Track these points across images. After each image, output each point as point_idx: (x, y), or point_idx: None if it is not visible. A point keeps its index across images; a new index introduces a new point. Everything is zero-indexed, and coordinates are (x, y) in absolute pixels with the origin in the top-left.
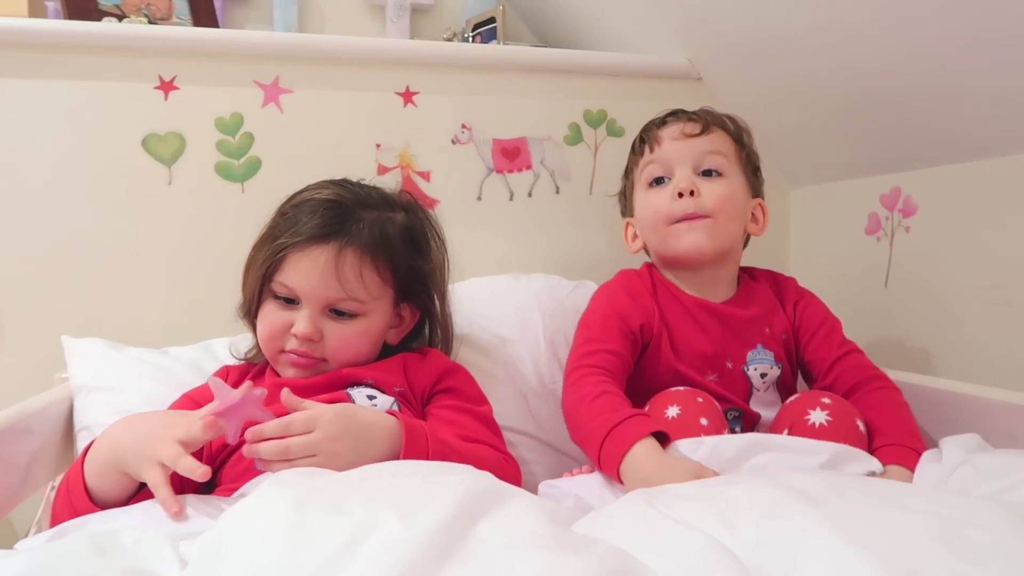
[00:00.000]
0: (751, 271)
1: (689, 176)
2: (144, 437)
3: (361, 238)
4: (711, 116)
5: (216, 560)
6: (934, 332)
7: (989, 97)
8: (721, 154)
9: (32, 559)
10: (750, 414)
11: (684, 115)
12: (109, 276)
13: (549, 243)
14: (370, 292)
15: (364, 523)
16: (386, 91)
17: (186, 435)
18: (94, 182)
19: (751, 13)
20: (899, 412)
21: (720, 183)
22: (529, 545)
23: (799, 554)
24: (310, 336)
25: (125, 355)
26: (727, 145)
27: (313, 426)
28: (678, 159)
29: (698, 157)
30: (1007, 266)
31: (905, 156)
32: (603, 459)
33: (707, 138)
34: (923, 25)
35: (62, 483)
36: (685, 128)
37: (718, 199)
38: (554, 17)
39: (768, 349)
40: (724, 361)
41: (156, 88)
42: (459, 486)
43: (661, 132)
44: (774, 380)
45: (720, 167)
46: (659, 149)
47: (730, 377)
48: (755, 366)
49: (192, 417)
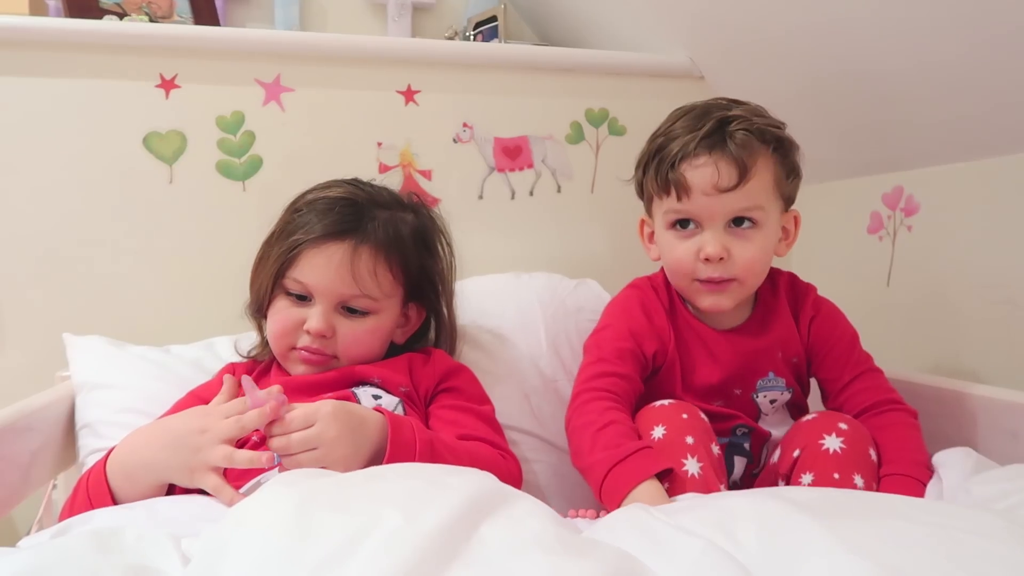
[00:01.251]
0: (772, 278)
1: (719, 239)
2: (183, 448)
3: (376, 236)
4: (749, 150)
5: (218, 558)
6: (936, 331)
7: (992, 96)
8: (759, 207)
9: (34, 556)
10: (759, 432)
11: (720, 146)
12: (110, 274)
13: (550, 242)
14: (383, 290)
15: (366, 522)
16: (387, 90)
17: (228, 433)
18: (95, 180)
19: (753, 12)
20: (910, 440)
21: (753, 241)
22: (533, 547)
23: (802, 564)
24: (323, 332)
25: (127, 353)
26: (767, 184)
27: (312, 420)
28: (708, 217)
29: (732, 212)
30: (1009, 265)
31: (907, 155)
32: (605, 494)
33: (744, 190)
34: (925, 23)
35: (73, 504)
36: (720, 181)
37: (748, 262)
38: (556, 16)
39: (779, 376)
40: (733, 389)
41: (157, 86)
42: (464, 488)
43: (690, 177)
44: (783, 403)
45: (756, 219)
46: (687, 201)
47: (738, 403)
48: (764, 393)
49: (215, 415)
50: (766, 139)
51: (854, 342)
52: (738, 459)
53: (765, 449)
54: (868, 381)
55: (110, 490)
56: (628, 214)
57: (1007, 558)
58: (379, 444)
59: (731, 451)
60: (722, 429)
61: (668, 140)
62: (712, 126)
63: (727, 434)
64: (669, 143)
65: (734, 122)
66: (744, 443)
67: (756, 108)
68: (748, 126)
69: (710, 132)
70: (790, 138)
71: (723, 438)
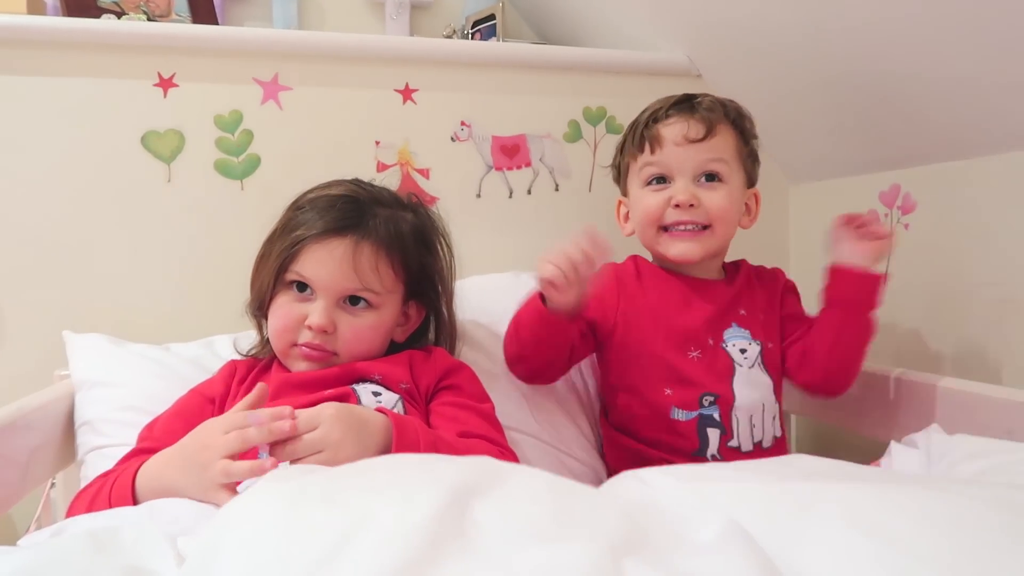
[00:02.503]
0: (735, 261)
1: (688, 187)
2: (194, 467)
3: (378, 233)
4: (715, 113)
5: (212, 557)
6: (933, 329)
7: (989, 94)
8: (723, 161)
9: (30, 556)
10: (725, 398)
11: (688, 109)
12: (109, 273)
13: (549, 240)
14: (384, 285)
15: (359, 516)
16: (386, 88)
17: (229, 449)
18: (93, 179)
19: (751, 10)
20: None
21: (720, 191)
22: (528, 533)
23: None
24: (324, 328)
25: (127, 351)
26: (731, 147)
27: (316, 423)
28: (678, 166)
29: (700, 164)
30: (1006, 263)
31: (904, 153)
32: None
33: (711, 143)
34: (923, 21)
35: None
36: (689, 132)
37: (717, 210)
38: (554, 14)
39: (743, 327)
40: (706, 337)
41: (155, 85)
42: (454, 472)
43: (663, 131)
44: (757, 357)
45: (722, 173)
46: (660, 152)
47: (712, 354)
48: (733, 342)
49: (216, 430)
50: (728, 112)
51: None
52: (711, 431)
53: (735, 416)
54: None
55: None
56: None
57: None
58: (383, 445)
59: (703, 424)
60: (690, 400)
61: (643, 113)
62: (682, 96)
63: (695, 406)
64: (644, 114)
65: (701, 96)
66: (714, 413)
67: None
68: (713, 99)
69: (680, 100)
70: (752, 122)
71: (691, 412)
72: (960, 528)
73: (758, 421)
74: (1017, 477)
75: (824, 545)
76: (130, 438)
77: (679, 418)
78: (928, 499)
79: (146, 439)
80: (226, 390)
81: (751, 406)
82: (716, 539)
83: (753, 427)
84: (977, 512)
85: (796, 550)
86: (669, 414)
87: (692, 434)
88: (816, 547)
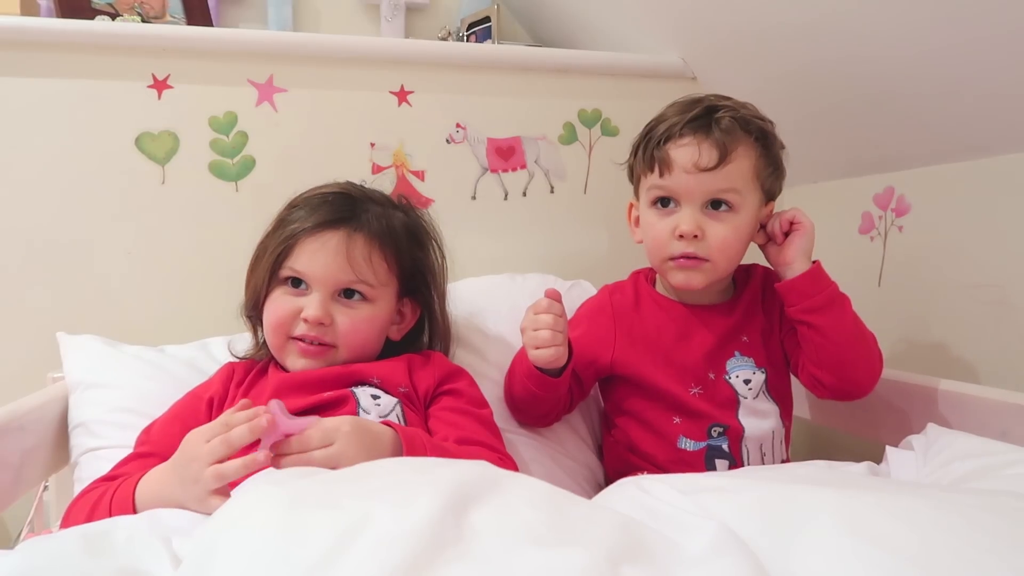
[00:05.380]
0: (748, 269)
1: (695, 216)
2: (186, 481)
3: (370, 226)
4: (732, 135)
5: (208, 559)
6: (927, 331)
7: (982, 97)
8: (735, 190)
9: (23, 559)
10: (735, 428)
11: (704, 129)
12: (102, 275)
13: (544, 243)
14: (378, 277)
15: (357, 519)
16: (381, 90)
17: (215, 455)
18: (88, 181)
19: (745, 12)
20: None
21: (726, 224)
22: (524, 539)
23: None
24: (320, 319)
25: (121, 352)
26: (747, 171)
27: (332, 439)
28: (686, 193)
29: (709, 192)
30: (999, 265)
31: (898, 156)
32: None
33: (724, 172)
34: (917, 24)
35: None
36: (700, 160)
37: (721, 243)
38: (549, 16)
39: (746, 355)
40: (707, 372)
41: (149, 87)
42: (451, 477)
43: (674, 155)
44: (762, 386)
45: (732, 202)
46: (669, 177)
47: (714, 388)
48: (736, 373)
49: (198, 441)
50: (750, 129)
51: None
52: (719, 462)
53: (744, 447)
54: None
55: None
56: (621, 215)
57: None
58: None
59: (711, 455)
60: (697, 431)
61: (658, 122)
62: (700, 111)
63: (703, 437)
64: (658, 124)
65: (722, 110)
66: (722, 444)
67: (747, 104)
68: (734, 115)
69: (697, 116)
70: (775, 134)
71: (700, 442)
72: (953, 534)
73: (768, 449)
74: (1009, 481)
75: (819, 553)
76: (124, 440)
77: (687, 447)
78: (922, 506)
79: (144, 443)
80: (224, 392)
81: (761, 436)
82: (711, 548)
83: (764, 455)
84: (969, 518)
85: (791, 557)
86: (676, 443)
87: (699, 464)
88: (811, 555)
